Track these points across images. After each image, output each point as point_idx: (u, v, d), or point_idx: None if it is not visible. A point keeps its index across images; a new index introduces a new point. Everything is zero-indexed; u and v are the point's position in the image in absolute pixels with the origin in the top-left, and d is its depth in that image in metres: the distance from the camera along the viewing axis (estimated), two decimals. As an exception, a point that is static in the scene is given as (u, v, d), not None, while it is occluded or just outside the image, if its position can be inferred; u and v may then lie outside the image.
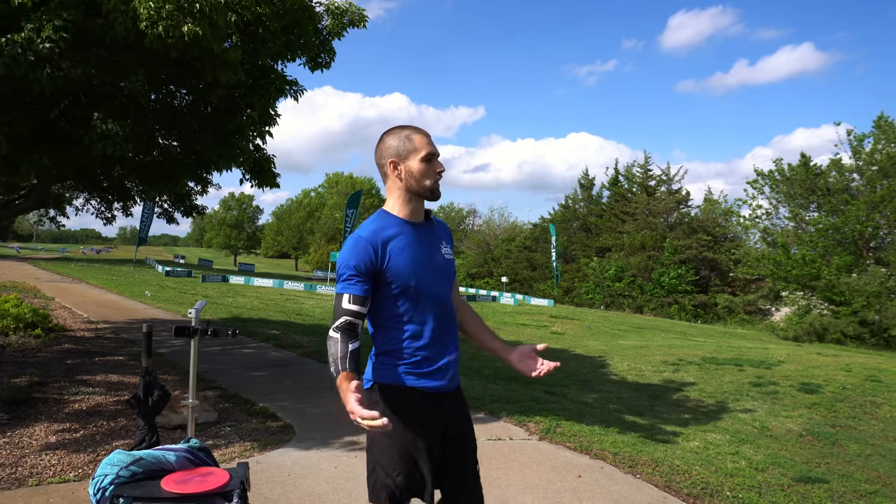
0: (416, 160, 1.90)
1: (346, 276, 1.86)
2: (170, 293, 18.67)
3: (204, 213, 10.16)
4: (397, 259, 1.88)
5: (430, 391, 1.94)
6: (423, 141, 1.92)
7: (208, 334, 3.02)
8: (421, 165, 1.90)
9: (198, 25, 4.31)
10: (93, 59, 4.58)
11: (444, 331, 1.97)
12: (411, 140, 1.92)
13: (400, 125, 1.99)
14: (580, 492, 3.73)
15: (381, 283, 1.88)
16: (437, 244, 2.01)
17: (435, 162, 1.93)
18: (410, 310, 1.91)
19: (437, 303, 1.95)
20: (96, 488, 1.96)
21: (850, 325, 21.38)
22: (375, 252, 1.86)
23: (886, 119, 24.77)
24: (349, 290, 1.85)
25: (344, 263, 1.87)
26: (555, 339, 15.13)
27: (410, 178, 1.91)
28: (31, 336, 8.20)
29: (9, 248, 60.85)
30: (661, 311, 34.56)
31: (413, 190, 1.93)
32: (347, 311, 1.83)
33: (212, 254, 76.66)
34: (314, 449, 4.30)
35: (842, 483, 4.40)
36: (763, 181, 28.73)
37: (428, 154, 1.91)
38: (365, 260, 1.85)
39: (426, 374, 1.93)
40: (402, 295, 1.89)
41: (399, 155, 1.92)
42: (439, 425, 1.95)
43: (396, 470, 1.87)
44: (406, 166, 1.91)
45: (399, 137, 1.94)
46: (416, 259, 1.91)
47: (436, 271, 1.96)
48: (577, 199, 46.97)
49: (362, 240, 1.87)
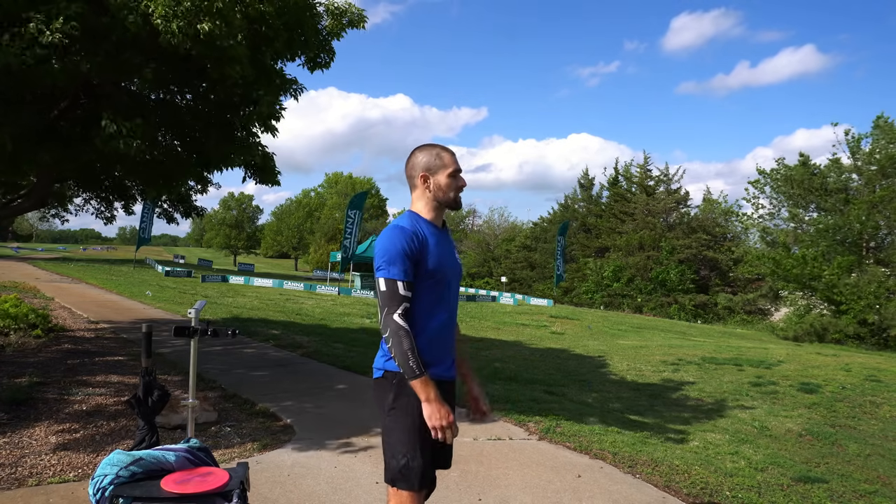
0: (444, 175, 2.15)
1: (396, 262, 1.99)
2: (170, 293, 18.67)
3: (203, 214, 10.15)
4: (431, 252, 2.07)
5: (440, 380, 2.08)
6: (450, 159, 2.17)
7: (208, 334, 3.02)
8: (448, 180, 2.15)
9: (213, 23, 4.31)
10: (100, 54, 4.57)
11: (451, 325, 2.19)
12: (441, 158, 2.17)
13: (430, 143, 2.24)
14: (580, 491, 3.73)
15: (417, 273, 2.04)
16: (453, 248, 2.26)
17: (459, 177, 2.18)
18: (435, 302, 2.10)
19: (453, 298, 2.19)
20: (96, 488, 1.96)
21: (850, 325, 21.39)
22: (418, 241, 2.04)
23: (886, 119, 24.79)
24: (403, 277, 1.99)
25: (392, 250, 2.00)
26: (554, 338, 15.13)
27: (438, 191, 2.15)
28: (30, 336, 8.20)
29: (8, 248, 60.79)
30: (661, 310, 34.57)
31: (440, 200, 2.16)
32: (405, 297, 1.99)
33: (211, 254, 76.65)
34: (314, 449, 4.30)
35: (841, 483, 4.41)
36: (765, 180, 28.75)
37: (454, 171, 2.16)
38: (412, 246, 2.02)
39: (441, 364, 2.13)
40: (432, 286, 2.08)
41: (429, 169, 2.16)
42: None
43: (414, 454, 2.01)
44: (435, 180, 2.15)
45: (430, 154, 2.18)
46: (442, 256, 2.12)
47: (454, 270, 2.20)
48: (576, 199, 47.00)
49: (406, 230, 2.04)
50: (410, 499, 2.00)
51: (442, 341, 2.13)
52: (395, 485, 2.01)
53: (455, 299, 2.21)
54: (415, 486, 2.00)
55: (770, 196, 28.81)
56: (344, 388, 6.53)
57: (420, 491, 2.02)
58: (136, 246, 35.68)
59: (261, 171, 7.20)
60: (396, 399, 2.04)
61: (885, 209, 23.26)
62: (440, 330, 2.12)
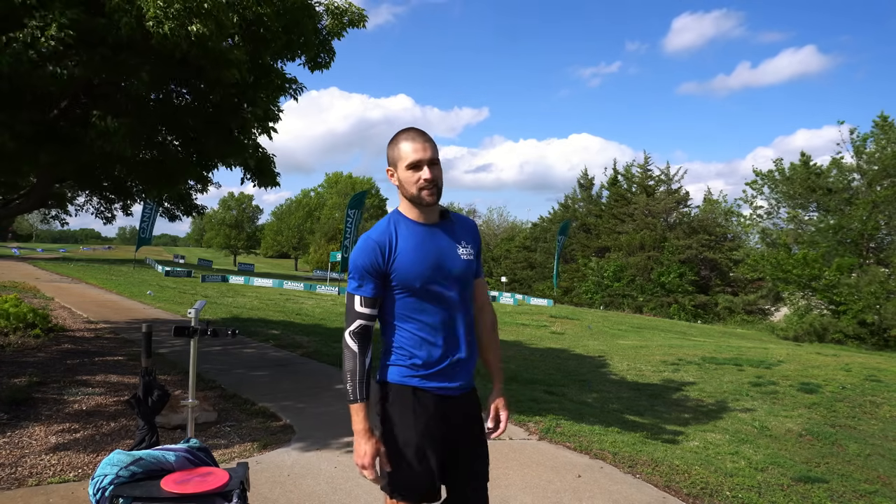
0: (403, 167, 1.89)
1: (356, 276, 1.90)
2: (169, 293, 18.67)
3: (203, 212, 10.16)
4: (404, 259, 1.88)
5: (435, 392, 1.93)
6: (409, 148, 1.88)
7: (208, 334, 3.02)
8: (407, 173, 1.89)
9: (204, 25, 4.31)
10: (96, 58, 4.58)
11: (451, 331, 1.94)
12: (399, 148, 1.91)
13: (401, 130, 1.96)
14: (580, 491, 3.73)
15: (388, 283, 1.90)
16: (453, 244, 1.98)
17: (421, 169, 1.87)
18: (416, 310, 1.91)
19: (445, 304, 1.93)
20: (96, 488, 1.96)
21: (850, 326, 21.39)
22: (383, 253, 1.87)
23: (886, 119, 24.78)
24: (360, 292, 1.89)
25: (353, 264, 1.91)
26: (554, 338, 15.13)
27: (402, 186, 1.92)
28: (30, 336, 8.20)
29: (8, 248, 60.77)
30: (661, 311, 34.55)
31: (407, 196, 1.92)
32: (360, 314, 1.88)
33: (211, 254, 76.64)
34: (314, 449, 4.30)
35: (841, 483, 4.40)
36: (762, 181, 28.74)
37: (412, 162, 1.87)
38: (373, 260, 1.87)
39: (430, 376, 1.93)
40: (407, 295, 1.90)
41: (392, 162, 1.94)
42: (441, 428, 1.94)
43: (399, 465, 1.90)
44: (397, 173, 1.92)
45: (392, 145, 1.94)
46: (424, 260, 1.89)
47: (447, 273, 1.93)
48: (576, 200, 46.95)
49: (371, 241, 1.89)
50: None
51: (439, 351, 1.92)
52: (387, 493, 1.94)
53: (457, 303, 1.95)
54: (406, 497, 1.90)
55: (769, 197, 28.81)
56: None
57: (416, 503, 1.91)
58: (136, 246, 35.65)
59: (259, 172, 7.19)
60: (384, 409, 1.95)
61: (886, 209, 23.25)
62: (433, 339, 1.91)
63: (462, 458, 2.00)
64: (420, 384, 1.93)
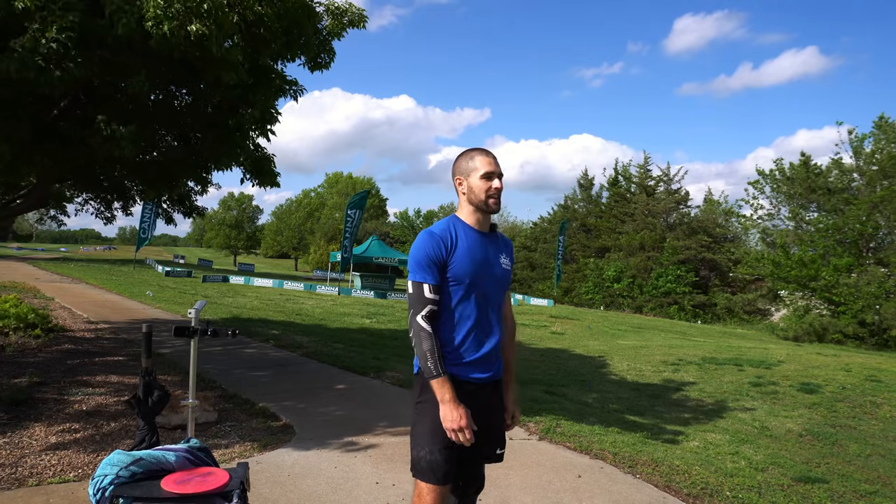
0: (476, 177, 2.20)
1: (423, 266, 2.12)
2: (170, 293, 18.66)
3: (203, 214, 10.15)
4: (461, 255, 2.14)
5: (470, 380, 2.17)
6: (483, 161, 2.21)
7: (208, 334, 3.02)
8: (479, 182, 2.20)
9: (204, 25, 4.31)
10: (96, 59, 4.58)
11: (486, 327, 2.20)
12: (473, 160, 2.23)
13: (472, 147, 2.30)
14: (580, 492, 3.73)
15: (444, 275, 2.14)
16: (497, 254, 2.28)
17: (493, 179, 2.20)
18: (461, 304, 2.15)
19: (486, 302, 2.20)
20: (96, 488, 1.96)
21: (850, 326, 21.38)
22: (445, 246, 2.13)
23: (886, 119, 24.78)
24: (428, 280, 2.11)
25: (418, 256, 2.13)
26: (555, 339, 15.12)
27: (471, 193, 2.22)
28: (30, 336, 8.20)
29: (8, 248, 60.79)
30: (661, 311, 34.53)
31: (474, 203, 2.22)
32: (430, 299, 2.11)
33: (212, 254, 76.64)
34: (314, 449, 4.30)
35: (841, 483, 4.40)
36: (764, 181, 28.74)
37: (486, 173, 2.19)
38: (437, 251, 2.12)
39: (467, 364, 2.17)
40: (457, 289, 2.14)
41: (464, 172, 2.24)
42: (475, 413, 2.12)
43: (433, 449, 2.10)
44: (468, 182, 2.22)
45: (466, 157, 2.26)
46: (475, 260, 2.16)
47: (491, 276, 2.22)
48: (576, 200, 46.91)
49: (435, 235, 2.15)
50: (430, 491, 2.09)
51: (475, 342, 2.17)
52: (416, 475, 2.13)
53: (493, 303, 2.22)
54: (432, 480, 2.09)
55: (770, 197, 28.80)
56: (344, 388, 6.53)
57: (442, 485, 2.10)
58: (136, 246, 35.65)
59: (258, 173, 7.17)
60: (422, 394, 2.16)
61: (886, 209, 23.23)
62: (472, 331, 2.16)
63: (484, 439, 2.19)
64: (458, 372, 2.15)
